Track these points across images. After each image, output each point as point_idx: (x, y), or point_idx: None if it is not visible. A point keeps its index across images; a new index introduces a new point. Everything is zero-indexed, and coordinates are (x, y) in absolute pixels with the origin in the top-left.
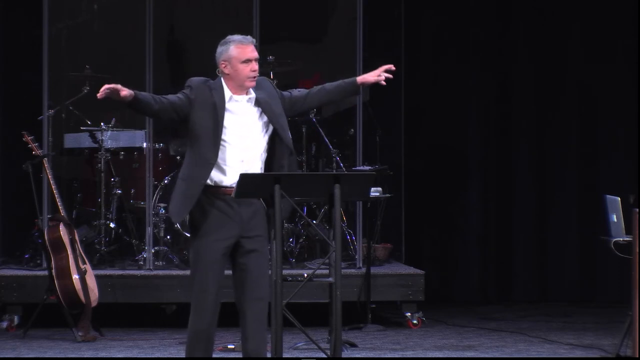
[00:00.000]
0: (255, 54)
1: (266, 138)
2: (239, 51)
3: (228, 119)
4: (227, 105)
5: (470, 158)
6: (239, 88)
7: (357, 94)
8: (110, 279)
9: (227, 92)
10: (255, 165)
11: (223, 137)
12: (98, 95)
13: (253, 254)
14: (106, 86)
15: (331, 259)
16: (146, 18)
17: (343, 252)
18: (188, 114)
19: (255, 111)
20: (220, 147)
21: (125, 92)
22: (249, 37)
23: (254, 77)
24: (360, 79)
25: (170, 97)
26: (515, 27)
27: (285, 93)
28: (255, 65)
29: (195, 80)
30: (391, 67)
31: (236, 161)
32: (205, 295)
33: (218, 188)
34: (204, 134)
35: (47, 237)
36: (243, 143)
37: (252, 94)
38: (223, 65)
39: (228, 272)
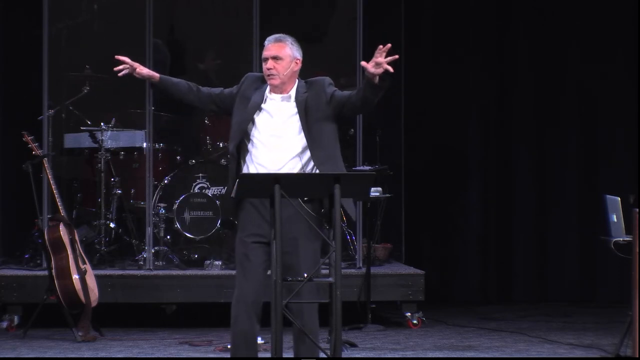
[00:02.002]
0: (272, 53)
1: (306, 139)
2: (263, 50)
3: (261, 118)
4: (263, 105)
5: (470, 158)
6: (272, 87)
7: (375, 86)
8: (110, 279)
9: (268, 90)
10: (290, 165)
11: (255, 134)
12: (117, 70)
13: (286, 257)
14: (124, 60)
15: (331, 259)
16: (146, 18)
17: (343, 252)
18: (231, 107)
19: (291, 112)
20: (254, 146)
21: (143, 70)
22: (280, 36)
23: (269, 75)
24: (369, 75)
25: (216, 89)
26: (515, 27)
27: (338, 93)
28: (270, 64)
29: (250, 75)
30: (387, 46)
31: (268, 161)
32: (239, 291)
33: None
34: (233, 126)
35: (47, 237)
36: (273, 143)
37: (291, 93)
38: None
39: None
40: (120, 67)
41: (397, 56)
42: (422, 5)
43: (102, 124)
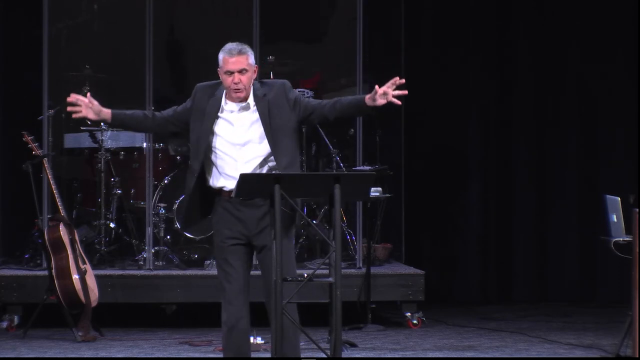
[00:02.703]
0: (239, 66)
1: (269, 146)
2: (223, 61)
3: (221, 128)
4: (220, 113)
5: (470, 158)
6: (230, 97)
7: (368, 112)
8: (110, 279)
9: (223, 100)
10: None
11: (218, 145)
12: (73, 116)
13: (262, 255)
14: (78, 98)
15: (331, 259)
16: (146, 18)
17: (343, 252)
18: (188, 123)
19: (252, 119)
20: (218, 157)
21: (92, 112)
22: (241, 47)
23: (237, 90)
24: (369, 101)
25: (169, 110)
26: (515, 27)
27: (303, 100)
28: (237, 78)
29: (200, 86)
30: (401, 81)
31: (235, 170)
32: (224, 293)
33: (224, 192)
34: (193, 142)
35: (47, 237)
36: (237, 152)
37: (249, 102)
38: (218, 72)
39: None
40: (74, 108)
41: (406, 92)
42: (422, 5)
43: (102, 124)
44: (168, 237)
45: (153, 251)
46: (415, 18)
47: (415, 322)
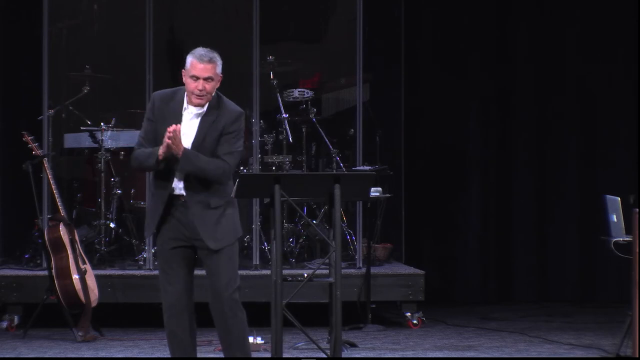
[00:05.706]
0: (206, 74)
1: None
2: (191, 65)
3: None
4: (182, 116)
5: (470, 158)
6: (190, 101)
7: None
8: (110, 279)
9: (185, 103)
10: (178, 185)
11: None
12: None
13: (206, 257)
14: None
15: (331, 259)
16: (146, 18)
17: (343, 252)
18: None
19: (197, 127)
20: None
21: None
22: (212, 55)
23: (199, 95)
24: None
25: (140, 139)
26: (515, 27)
27: (227, 138)
28: (201, 85)
29: (157, 94)
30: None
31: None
32: (165, 298)
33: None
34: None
35: (47, 237)
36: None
37: (203, 110)
38: (182, 73)
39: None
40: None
41: None
42: (422, 5)
43: (102, 124)
44: None
45: (153, 251)
46: (415, 18)
47: (415, 322)
